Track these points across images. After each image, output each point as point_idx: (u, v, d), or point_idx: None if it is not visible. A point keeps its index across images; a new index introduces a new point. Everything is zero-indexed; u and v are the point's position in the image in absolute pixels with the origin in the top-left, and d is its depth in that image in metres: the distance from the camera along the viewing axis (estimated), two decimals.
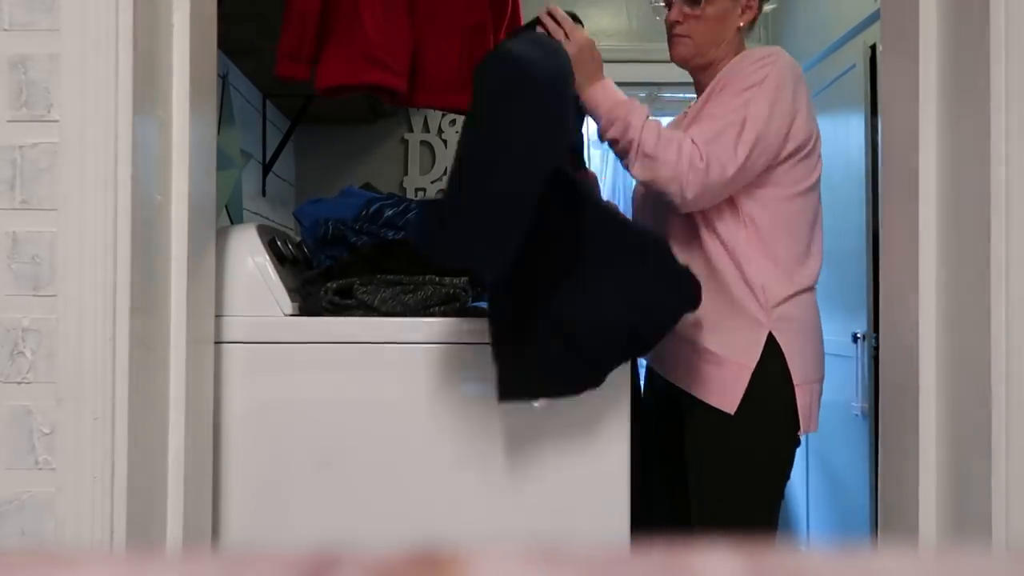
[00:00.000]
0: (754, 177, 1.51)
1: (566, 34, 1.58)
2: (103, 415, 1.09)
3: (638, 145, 1.48)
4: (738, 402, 1.50)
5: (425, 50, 1.97)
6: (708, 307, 1.45)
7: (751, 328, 1.52)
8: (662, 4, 1.71)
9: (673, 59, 1.71)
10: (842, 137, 2.71)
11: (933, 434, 1.25)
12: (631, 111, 1.52)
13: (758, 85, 1.51)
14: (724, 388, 1.52)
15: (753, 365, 1.51)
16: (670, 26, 1.68)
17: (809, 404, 1.54)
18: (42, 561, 0.28)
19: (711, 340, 1.53)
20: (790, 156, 1.53)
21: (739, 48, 1.66)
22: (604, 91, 1.57)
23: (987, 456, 1.12)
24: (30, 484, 1.11)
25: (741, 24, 1.65)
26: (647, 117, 1.52)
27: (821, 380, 1.60)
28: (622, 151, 1.51)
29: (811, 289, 1.59)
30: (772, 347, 1.52)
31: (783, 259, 1.54)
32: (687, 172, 1.45)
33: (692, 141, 1.47)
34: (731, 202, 1.54)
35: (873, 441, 2.37)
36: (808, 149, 1.56)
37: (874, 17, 2.40)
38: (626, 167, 1.54)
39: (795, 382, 1.52)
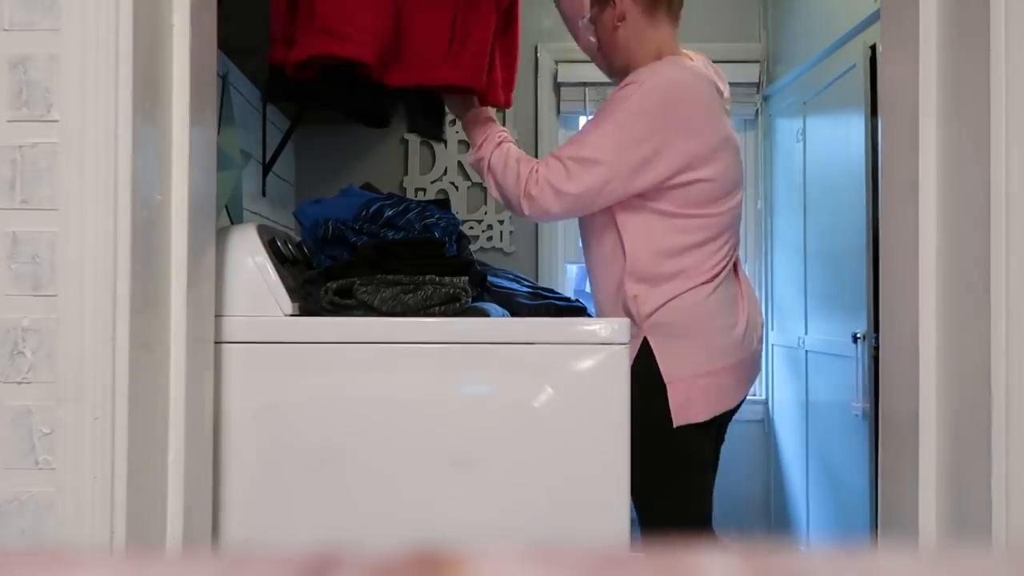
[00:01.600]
0: (609, 202, 1.68)
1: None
2: (103, 415, 1.09)
3: (488, 168, 1.77)
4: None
5: (411, 23, 1.87)
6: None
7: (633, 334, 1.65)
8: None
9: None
10: (842, 137, 2.71)
11: (933, 434, 1.25)
12: (488, 138, 1.79)
13: (611, 112, 1.66)
14: None
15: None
16: (593, 55, 1.96)
17: (686, 398, 1.68)
18: (42, 561, 0.28)
19: None
20: (659, 184, 1.66)
21: (651, 50, 1.78)
22: (477, 119, 1.83)
23: (987, 456, 1.12)
24: (30, 484, 1.11)
25: (618, 24, 1.79)
26: (499, 144, 1.77)
27: (715, 372, 1.72)
28: (479, 171, 1.80)
29: (691, 289, 1.70)
30: (645, 350, 1.69)
31: (650, 277, 1.70)
32: (522, 197, 1.70)
33: (535, 169, 1.70)
34: (611, 217, 1.72)
35: (873, 441, 2.37)
36: (683, 180, 1.66)
37: (874, 17, 2.39)
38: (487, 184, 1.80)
39: (666, 380, 1.67)
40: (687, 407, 1.69)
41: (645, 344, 1.68)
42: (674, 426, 1.68)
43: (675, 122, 1.65)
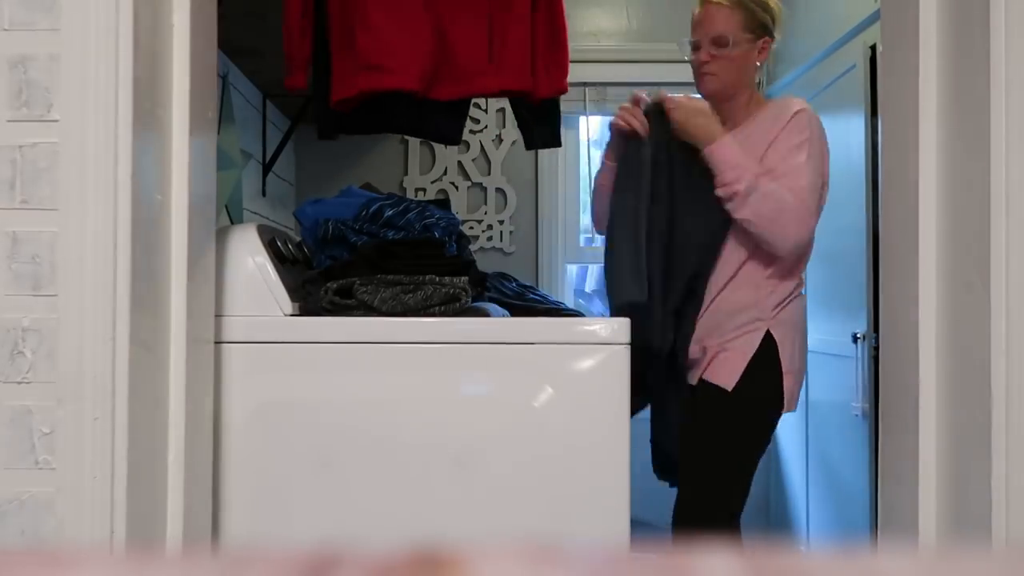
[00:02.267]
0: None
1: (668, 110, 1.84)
2: (103, 415, 1.09)
3: (752, 189, 1.78)
4: (735, 381, 1.84)
5: (452, 37, 1.91)
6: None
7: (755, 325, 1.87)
8: (688, 44, 1.95)
9: (701, 94, 1.96)
10: (842, 137, 2.71)
11: (933, 434, 1.25)
12: (747, 167, 1.80)
13: (801, 148, 1.81)
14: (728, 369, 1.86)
15: (751, 352, 1.85)
16: (699, 65, 1.92)
17: (794, 389, 1.88)
18: (42, 561, 0.28)
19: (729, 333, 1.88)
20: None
21: (752, 90, 1.95)
22: (722, 151, 1.80)
23: (987, 456, 1.12)
24: (30, 484, 1.11)
25: (759, 63, 1.94)
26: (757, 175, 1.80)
27: (803, 369, 1.95)
28: (741, 195, 1.78)
29: (800, 288, 1.94)
30: (769, 341, 1.85)
31: (783, 273, 1.89)
32: (791, 223, 1.79)
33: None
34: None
35: (873, 441, 2.37)
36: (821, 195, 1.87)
37: (874, 17, 2.39)
38: (736, 210, 1.81)
39: (784, 370, 1.85)
40: (792, 396, 1.88)
41: (768, 336, 1.85)
42: (784, 411, 1.86)
43: (826, 155, 1.89)
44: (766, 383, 1.85)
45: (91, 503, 1.09)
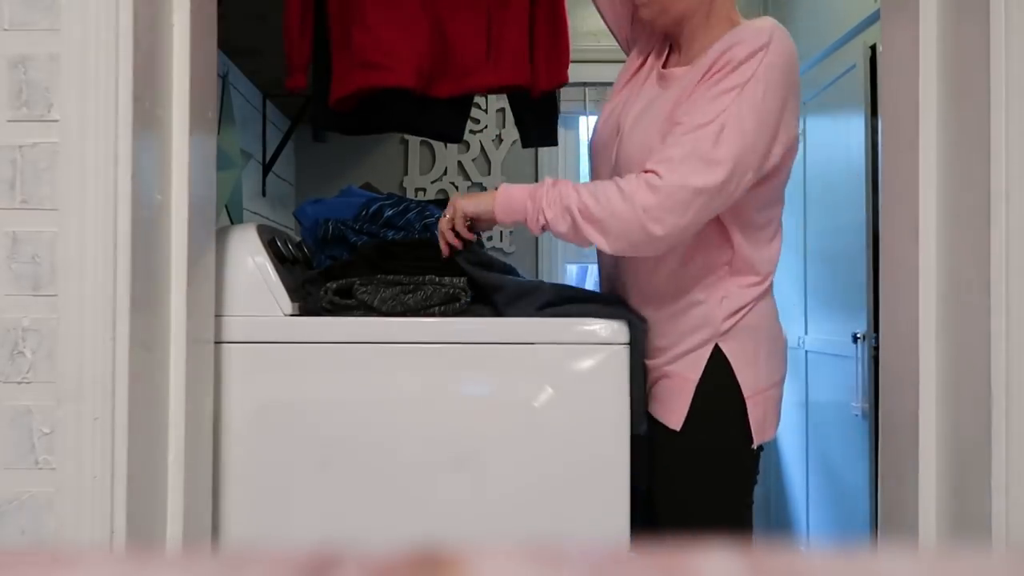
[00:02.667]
0: (736, 198, 1.35)
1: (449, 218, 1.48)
2: (103, 415, 1.09)
3: (580, 210, 1.35)
4: (683, 418, 1.43)
5: (450, 34, 1.91)
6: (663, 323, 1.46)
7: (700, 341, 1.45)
8: None
9: (642, 23, 1.55)
10: (842, 137, 2.71)
11: (933, 434, 1.25)
12: (549, 188, 1.39)
13: (738, 88, 1.33)
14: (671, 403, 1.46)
15: (697, 378, 1.43)
16: None
17: (764, 413, 1.44)
18: (42, 561, 0.28)
19: (661, 356, 1.48)
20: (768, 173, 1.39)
21: (716, 4, 1.45)
22: (508, 192, 1.44)
23: (987, 456, 1.12)
24: (30, 484, 1.11)
25: None
26: (553, 184, 1.40)
27: (780, 381, 1.50)
28: (569, 227, 1.37)
29: (767, 286, 1.48)
30: (717, 360, 1.43)
31: (745, 271, 1.45)
32: (642, 216, 1.31)
33: (643, 171, 1.34)
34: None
35: (873, 441, 2.37)
36: (780, 165, 1.41)
37: (874, 17, 2.40)
38: (576, 243, 1.40)
39: (745, 394, 1.42)
40: (764, 424, 1.45)
41: (717, 353, 1.43)
42: (753, 446, 1.45)
43: (790, 104, 1.37)
44: (723, 416, 1.44)
45: (91, 503, 1.09)
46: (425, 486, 1.44)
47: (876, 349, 1.83)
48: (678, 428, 1.44)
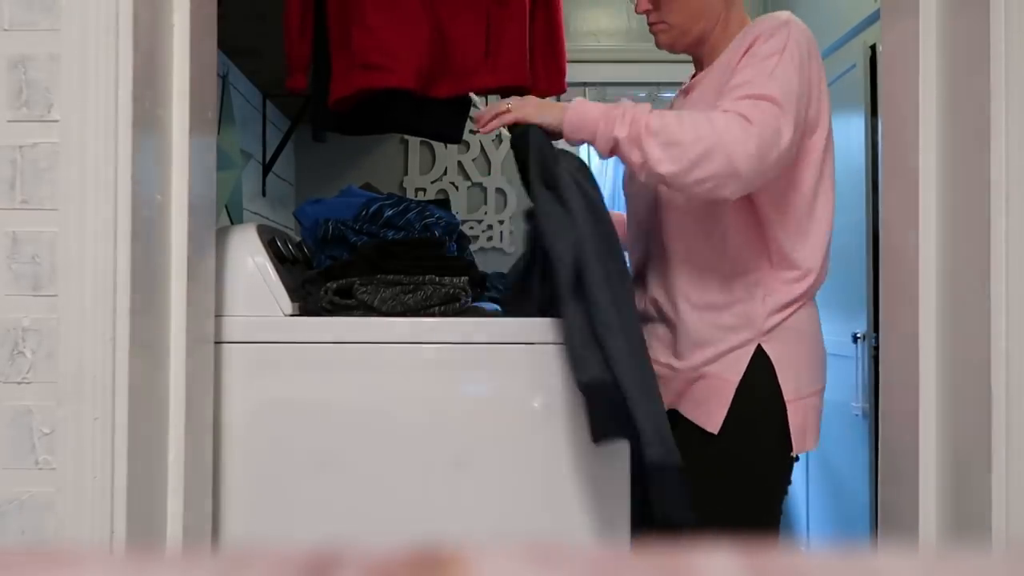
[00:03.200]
0: (788, 161, 1.32)
1: (507, 111, 1.45)
2: (103, 415, 1.09)
3: (653, 132, 1.28)
4: (721, 421, 1.40)
5: (450, 35, 1.91)
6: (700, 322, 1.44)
7: (740, 341, 1.42)
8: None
9: (661, 49, 1.58)
10: (842, 137, 2.71)
11: (933, 434, 1.25)
12: (626, 107, 1.34)
13: (778, 54, 1.33)
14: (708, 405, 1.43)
15: (737, 380, 1.40)
16: (647, 19, 1.55)
17: (804, 421, 1.41)
18: (42, 561, 0.28)
19: (699, 356, 1.45)
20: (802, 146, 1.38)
21: (731, 15, 1.50)
22: (583, 108, 1.38)
23: (987, 456, 1.12)
24: (30, 484, 1.11)
25: None
26: (645, 108, 1.34)
27: (822, 390, 1.47)
28: (637, 149, 1.31)
29: (811, 286, 1.45)
30: (761, 362, 1.40)
31: (789, 268, 1.42)
32: (732, 143, 1.24)
33: (725, 110, 1.29)
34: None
35: (873, 441, 2.37)
36: (820, 137, 1.40)
37: (874, 17, 2.40)
38: (646, 172, 1.32)
39: (786, 399, 1.39)
40: (804, 432, 1.41)
41: (760, 354, 1.40)
42: (792, 454, 1.41)
43: (816, 76, 1.39)
44: (763, 422, 1.40)
45: (91, 503, 1.09)
46: (425, 486, 1.44)
47: (876, 349, 1.83)
48: (715, 432, 1.40)
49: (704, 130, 1.26)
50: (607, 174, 3.94)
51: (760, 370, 1.40)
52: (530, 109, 1.41)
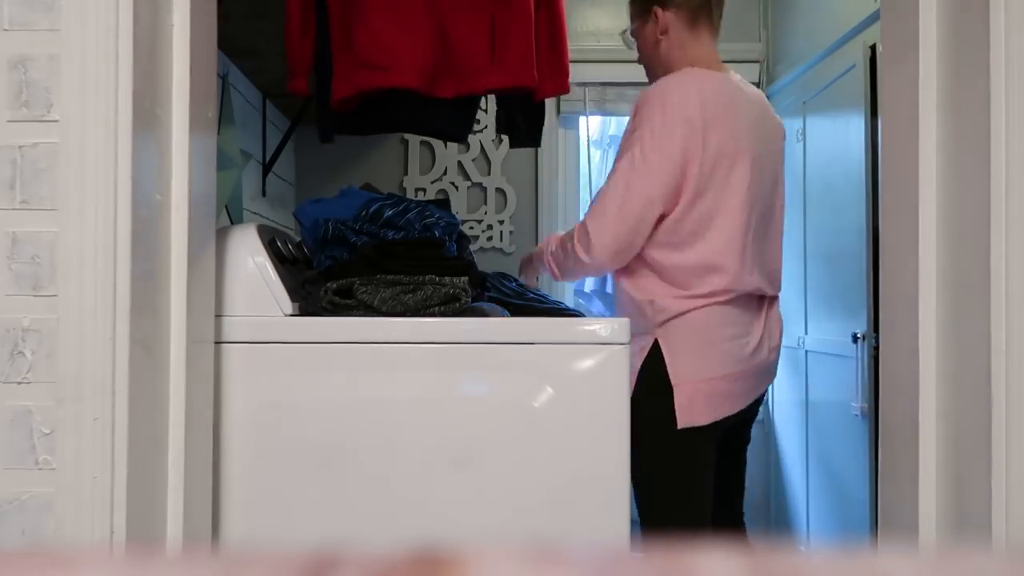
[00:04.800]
0: (653, 223, 1.73)
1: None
2: (103, 415, 1.09)
3: (557, 267, 1.85)
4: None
5: (453, 35, 1.91)
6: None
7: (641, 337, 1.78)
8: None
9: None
10: (842, 137, 2.71)
11: (933, 434, 1.25)
12: (539, 256, 1.90)
13: (633, 138, 1.73)
14: None
15: (638, 368, 1.76)
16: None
17: (690, 401, 1.73)
18: (42, 561, 0.28)
19: None
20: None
21: (665, 59, 1.86)
22: (528, 265, 1.94)
23: (987, 456, 1.12)
24: (30, 484, 1.11)
25: (659, 37, 1.84)
26: (550, 248, 1.86)
27: (718, 379, 1.76)
28: (564, 274, 1.86)
29: (706, 306, 1.75)
30: (655, 351, 1.75)
31: (672, 283, 1.77)
32: (583, 259, 1.75)
33: (577, 227, 1.78)
34: None
35: (873, 441, 2.37)
36: (708, 168, 1.71)
37: (874, 17, 2.40)
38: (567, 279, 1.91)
39: (673, 382, 1.73)
40: (691, 409, 1.74)
41: (656, 346, 1.75)
42: (678, 427, 1.74)
43: (691, 133, 1.70)
44: (654, 398, 1.73)
45: (91, 503, 1.09)
46: (425, 486, 1.44)
47: (876, 349, 1.83)
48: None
49: (570, 257, 1.80)
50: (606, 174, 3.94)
51: (655, 358, 1.83)
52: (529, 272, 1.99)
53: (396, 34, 1.86)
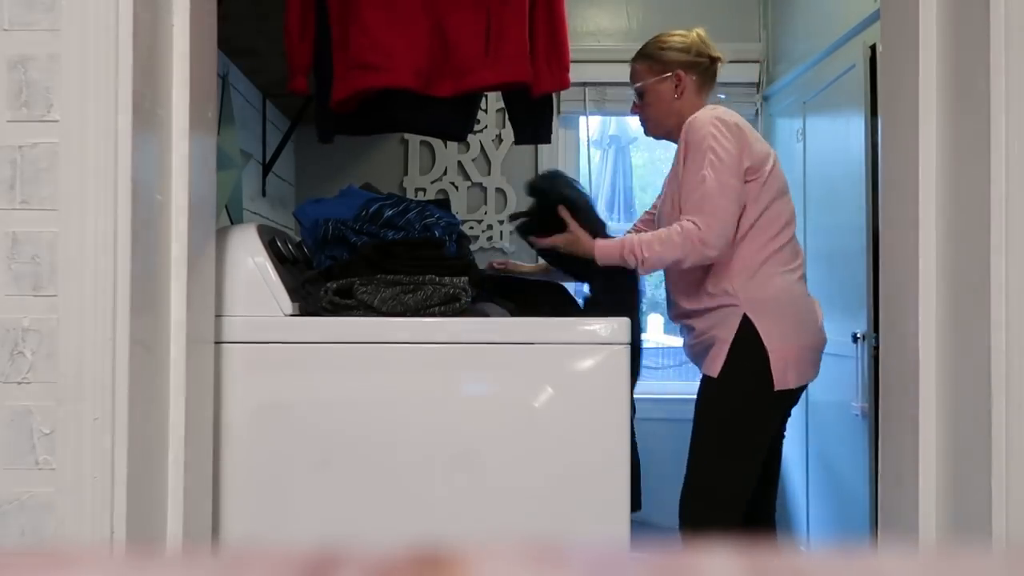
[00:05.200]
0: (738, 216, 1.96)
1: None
2: (103, 415, 1.09)
3: (645, 257, 1.95)
4: (719, 368, 1.95)
5: (450, 33, 1.91)
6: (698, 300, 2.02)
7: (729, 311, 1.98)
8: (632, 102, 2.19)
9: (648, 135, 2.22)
10: (842, 137, 2.71)
11: (933, 434, 1.25)
12: (624, 245, 1.98)
13: (693, 166, 1.94)
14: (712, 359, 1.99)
15: (731, 338, 1.95)
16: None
17: (784, 364, 1.93)
18: (42, 561, 0.28)
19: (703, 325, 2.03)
20: (748, 181, 1.98)
21: (682, 111, 2.08)
22: (604, 247, 2.00)
23: (987, 456, 1.12)
24: (30, 484, 1.11)
25: (678, 95, 2.09)
26: (638, 241, 1.96)
27: (804, 346, 1.99)
28: (641, 264, 1.96)
29: (789, 277, 2.01)
30: (746, 323, 1.95)
31: (753, 262, 1.99)
32: (695, 247, 1.91)
33: (686, 221, 1.93)
34: None
35: (873, 441, 2.37)
36: (757, 173, 1.99)
37: (874, 17, 2.39)
38: (648, 271, 2.05)
39: (768, 349, 1.92)
40: (785, 373, 1.94)
41: (746, 320, 1.94)
42: (775, 389, 1.93)
43: (742, 140, 1.97)
44: (748, 366, 1.94)
45: (91, 503, 1.09)
46: (425, 486, 1.44)
47: (876, 349, 1.83)
48: (715, 375, 1.96)
49: (676, 244, 1.94)
50: (605, 173, 3.94)
51: (747, 330, 1.98)
52: (574, 247, 2.02)
53: (392, 34, 1.85)
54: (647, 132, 2.21)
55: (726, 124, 1.98)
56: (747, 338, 1.96)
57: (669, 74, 2.10)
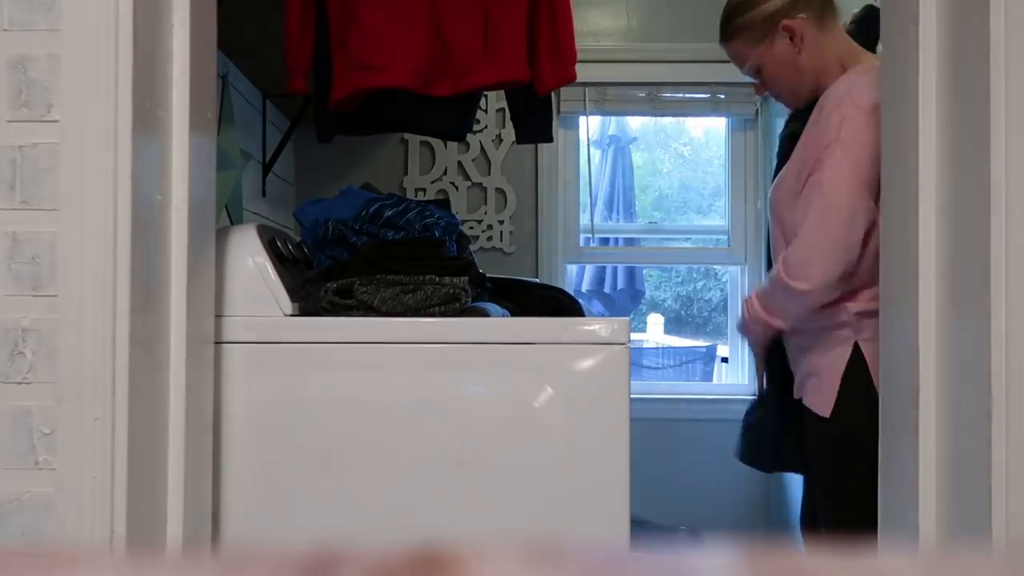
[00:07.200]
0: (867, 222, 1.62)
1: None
2: (103, 415, 1.09)
3: (785, 314, 1.72)
4: (831, 407, 1.68)
5: (448, 33, 1.90)
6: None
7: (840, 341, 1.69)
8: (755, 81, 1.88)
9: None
10: None
11: (933, 434, 1.25)
12: (769, 316, 1.75)
13: (833, 144, 1.62)
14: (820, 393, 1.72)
15: (838, 377, 1.67)
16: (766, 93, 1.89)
17: None
18: (42, 561, 0.28)
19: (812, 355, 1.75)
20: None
21: (817, 63, 1.74)
22: (763, 328, 1.78)
23: (987, 456, 1.12)
24: (30, 484, 1.11)
25: (799, 47, 1.74)
26: (771, 308, 1.73)
27: None
28: (791, 319, 1.73)
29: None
30: (858, 358, 1.66)
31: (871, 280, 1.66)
32: (795, 295, 1.66)
33: (777, 271, 1.69)
34: None
35: None
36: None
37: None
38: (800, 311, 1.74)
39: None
40: None
41: (857, 352, 1.65)
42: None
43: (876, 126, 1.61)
44: (863, 406, 1.57)
45: (91, 503, 1.09)
46: (425, 486, 1.44)
47: None
48: (827, 415, 1.70)
49: (780, 296, 1.71)
50: (605, 173, 3.94)
51: (857, 364, 1.70)
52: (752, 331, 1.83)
53: (391, 34, 1.85)
54: (790, 107, 1.87)
55: (868, 105, 1.60)
56: (858, 374, 1.67)
57: (773, 35, 1.74)
